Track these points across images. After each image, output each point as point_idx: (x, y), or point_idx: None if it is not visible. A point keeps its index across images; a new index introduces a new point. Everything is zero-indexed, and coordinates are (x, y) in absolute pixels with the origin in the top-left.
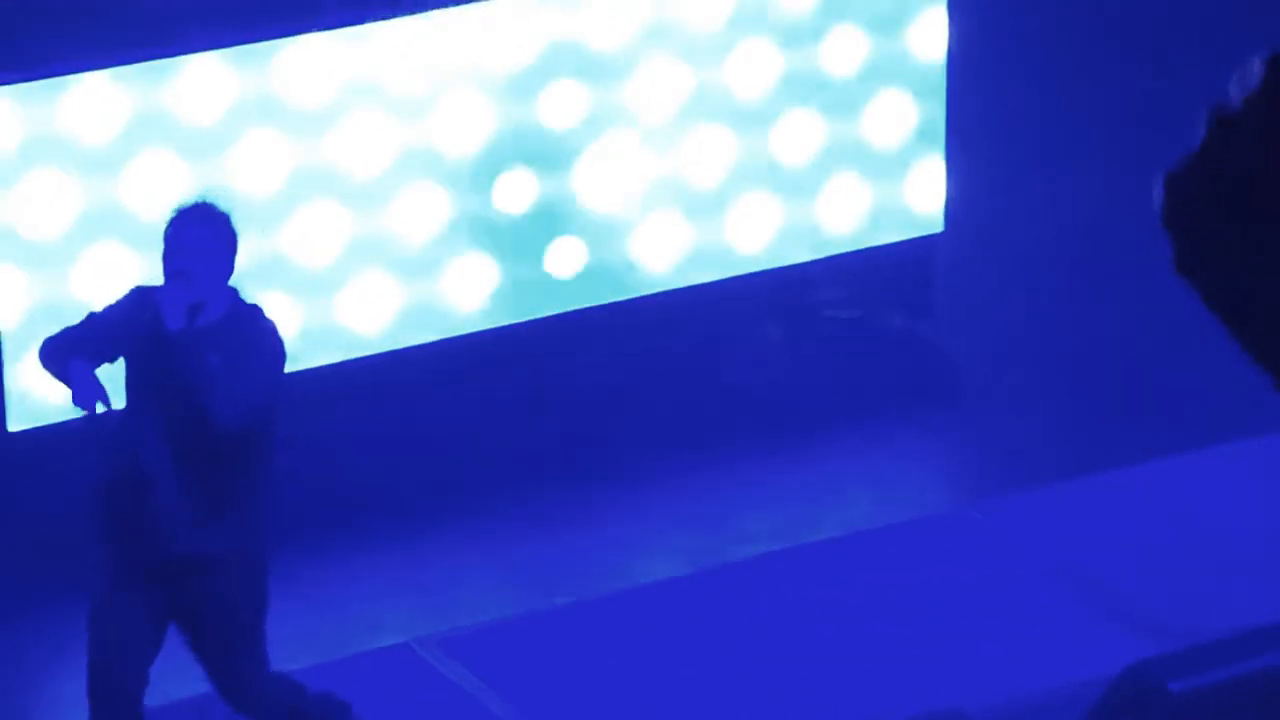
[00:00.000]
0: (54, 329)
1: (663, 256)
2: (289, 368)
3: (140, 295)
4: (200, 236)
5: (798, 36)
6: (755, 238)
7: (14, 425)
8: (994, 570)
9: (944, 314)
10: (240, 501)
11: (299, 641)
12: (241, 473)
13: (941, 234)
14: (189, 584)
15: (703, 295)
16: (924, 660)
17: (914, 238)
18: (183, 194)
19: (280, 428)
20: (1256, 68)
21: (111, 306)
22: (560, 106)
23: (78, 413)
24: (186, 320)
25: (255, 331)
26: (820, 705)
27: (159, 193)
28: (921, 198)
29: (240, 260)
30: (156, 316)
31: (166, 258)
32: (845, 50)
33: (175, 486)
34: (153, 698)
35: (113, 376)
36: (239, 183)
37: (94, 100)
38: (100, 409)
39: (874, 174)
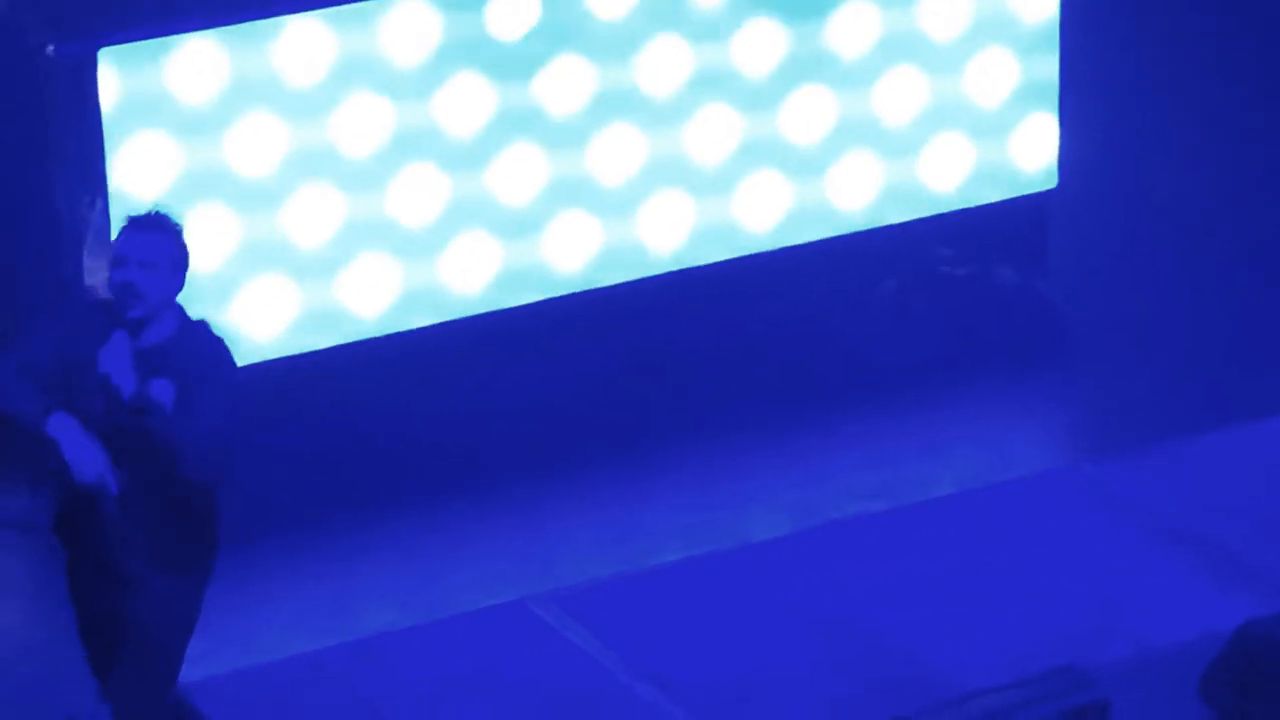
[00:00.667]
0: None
1: (764, 217)
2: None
3: (87, 311)
4: (151, 246)
5: None
6: (857, 198)
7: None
8: (1108, 528)
9: (1058, 271)
10: (188, 528)
11: (416, 600)
12: (190, 502)
13: (1055, 190)
14: (131, 590)
15: (811, 254)
16: (1037, 619)
17: (1028, 194)
18: (279, 156)
19: (235, 459)
20: None
21: (57, 322)
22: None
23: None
24: (133, 335)
25: (213, 349)
26: (930, 663)
27: (261, 154)
28: (1028, 155)
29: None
30: (106, 332)
31: (115, 269)
32: (948, 7)
33: (123, 509)
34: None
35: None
36: (342, 146)
37: (199, 61)
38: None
39: (979, 132)
